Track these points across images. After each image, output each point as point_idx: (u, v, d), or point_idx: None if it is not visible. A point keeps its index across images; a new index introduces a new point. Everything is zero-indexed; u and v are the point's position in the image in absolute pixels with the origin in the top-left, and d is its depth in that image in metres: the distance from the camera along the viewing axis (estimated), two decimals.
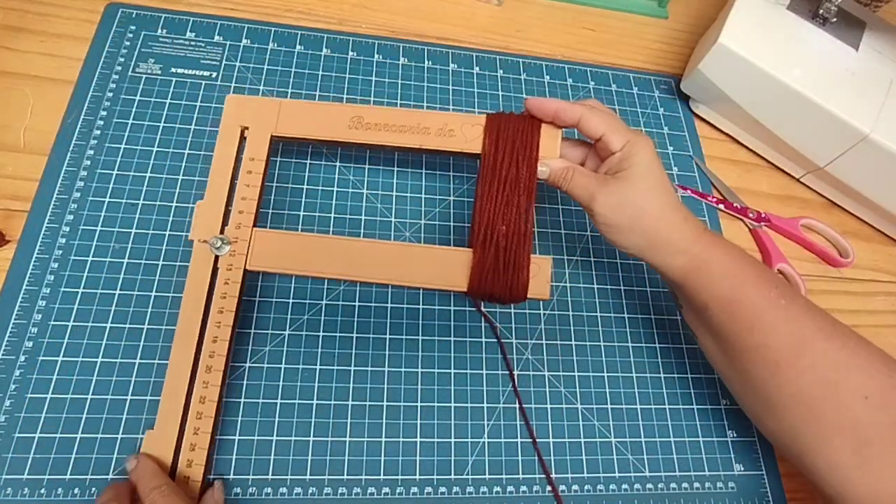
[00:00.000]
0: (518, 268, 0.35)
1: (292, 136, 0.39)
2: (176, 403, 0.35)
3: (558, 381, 0.42)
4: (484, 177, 0.37)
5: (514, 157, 0.37)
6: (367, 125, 0.39)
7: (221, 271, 0.36)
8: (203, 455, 0.35)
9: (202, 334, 0.36)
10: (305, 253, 0.36)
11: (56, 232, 0.40)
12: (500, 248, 0.35)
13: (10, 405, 0.35)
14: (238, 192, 0.38)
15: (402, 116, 0.39)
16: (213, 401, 0.35)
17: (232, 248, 0.37)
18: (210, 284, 0.36)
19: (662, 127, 0.55)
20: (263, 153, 0.39)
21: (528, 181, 0.37)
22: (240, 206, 0.37)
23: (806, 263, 0.52)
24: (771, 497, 0.41)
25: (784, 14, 0.52)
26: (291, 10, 0.53)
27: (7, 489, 0.34)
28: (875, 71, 0.50)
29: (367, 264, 0.36)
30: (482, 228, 0.36)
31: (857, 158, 0.49)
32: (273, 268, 0.37)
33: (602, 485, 0.40)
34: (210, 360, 0.36)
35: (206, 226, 0.37)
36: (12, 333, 0.37)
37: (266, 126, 0.39)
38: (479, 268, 0.35)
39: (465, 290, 0.36)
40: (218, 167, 0.38)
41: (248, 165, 0.38)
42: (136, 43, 0.48)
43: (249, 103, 0.40)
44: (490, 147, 0.38)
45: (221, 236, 0.37)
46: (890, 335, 0.50)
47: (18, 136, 0.43)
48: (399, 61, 0.53)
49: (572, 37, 0.59)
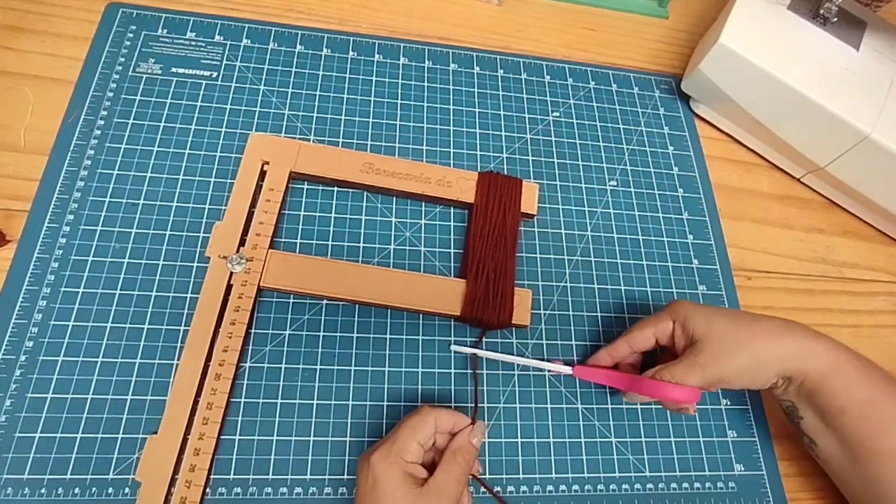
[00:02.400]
0: (504, 297, 0.41)
1: (309, 174, 0.44)
2: (182, 409, 0.36)
3: (558, 382, 0.42)
4: (475, 222, 0.44)
5: (500, 207, 0.44)
6: (377, 171, 0.45)
7: (236, 286, 0.39)
8: (207, 461, 0.35)
9: (212, 345, 0.37)
10: (316, 275, 0.40)
11: (56, 232, 0.40)
12: (489, 280, 0.42)
13: (10, 405, 0.35)
14: (256, 218, 0.42)
15: (407, 167, 0.45)
16: (220, 407, 0.36)
17: (248, 265, 0.40)
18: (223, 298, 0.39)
19: (662, 127, 0.55)
20: (282, 186, 0.43)
21: (512, 227, 0.44)
22: (257, 229, 0.41)
23: (806, 263, 0.52)
24: (771, 497, 0.41)
25: (784, 14, 0.52)
26: (292, 10, 0.53)
27: (7, 489, 0.34)
28: (876, 71, 0.50)
29: (372, 288, 0.41)
30: (474, 263, 0.42)
31: (857, 158, 0.49)
32: (285, 286, 0.40)
33: (602, 485, 0.40)
34: (220, 367, 0.37)
35: (223, 245, 0.40)
36: (13, 333, 0.37)
37: (286, 163, 0.44)
38: (470, 296, 0.41)
39: (459, 314, 0.41)
40: (238, 194, 0.42)
41: (268, 195, 0.42)
42: (136, 43, 0.48)
43: (271, 142, 0.44)
44: (481, 199, 0.45)
45: (239, 254, 0.39)
46: (890, 335, 0.50)
47: (19, 135, 0.43)
48: (399, 61, 0.53)
49: (572, 37, 0.59)
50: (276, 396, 0.39)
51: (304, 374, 0.39)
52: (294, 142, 0.45)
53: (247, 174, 0.43)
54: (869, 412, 0.35)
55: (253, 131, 0.46)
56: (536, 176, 0.50)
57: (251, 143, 0.44)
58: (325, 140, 0.47)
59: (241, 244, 0.41)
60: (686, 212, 0.51)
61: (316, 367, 0.40)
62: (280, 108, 0.48)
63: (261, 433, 0.37)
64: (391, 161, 0.45)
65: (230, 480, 0.36)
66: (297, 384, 0.39)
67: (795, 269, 0.51)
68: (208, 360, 0.37)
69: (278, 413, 0.38)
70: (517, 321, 0.42)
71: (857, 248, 0.54)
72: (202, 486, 0.34)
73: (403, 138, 0.49)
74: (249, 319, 0.39)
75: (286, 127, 0.47)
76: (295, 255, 0.42)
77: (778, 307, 0.49)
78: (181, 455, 0.35)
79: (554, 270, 0.46)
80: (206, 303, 0.38)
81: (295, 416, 0.38)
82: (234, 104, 0.47)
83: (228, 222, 0.41)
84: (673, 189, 0.52)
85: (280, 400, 0.38)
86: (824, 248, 0.53)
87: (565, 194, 0.49)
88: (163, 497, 0.34)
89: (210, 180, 0.44)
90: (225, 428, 0.37)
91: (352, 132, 0.48)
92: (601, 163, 0.52)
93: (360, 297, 0.40)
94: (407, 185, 0.45)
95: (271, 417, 0.38)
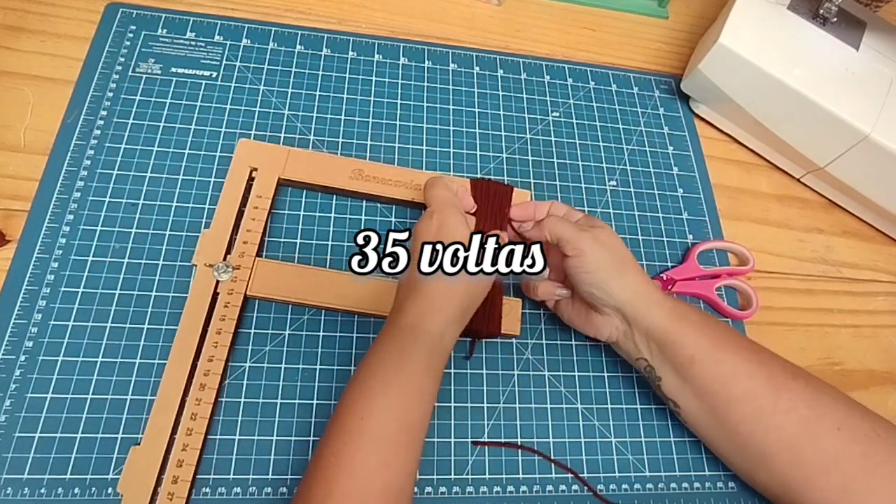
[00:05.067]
0: (494, 306, 0.40)
1: (298, 181, 0.43)
2: (166, 419, 0.35)
3: (558, 381, 0.42)
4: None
5: (492, 214, 0.42)
6: (367, 177, 0.44)
7: (222, 295, 0.39)
8: (190, 472, 0.34)
9: (197, 354, 0.37)
10: (303, 283, 0.40)
11: (56, 232, 0.40)
12: None
13: (10, 405, 0.35)
14: (244, 225, 0.41)
15: (397, 173, 0.45)
16: (204, 418, 0.36)
17: (234, 274, 0.39)
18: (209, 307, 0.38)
19: (662, 127, 0.55)
20: (270, 193, 0.42)
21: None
22: (244, 237, 0.41)
23: (806, 263, 0.52)
24: None
25: (784, 14, 0.52)
26: (291, 10, 0.53)
27: (7, 489, 0.34)
28: (875, 71, 0.50)
29: (360, 297, 0.40)
30: None
31: (857, 158, 0.49)
32: (272, 295, 0.40)
33: (602, 485, 0.40)
34: (205, 377, 0.36)
35: (210, 252, 0.40)
36: (12, 333, 0.37)
37: (274, 169, 0.43)
38: None
39: None
40: (225, 201, 0.41)
41: (255, 202, 0.42)
42: (136, 43, 0.48)
43: (260, 148, 0.44)
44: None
45: (226, 263, 0.39)
46: (890, 335, 0.50)
47: (19, 135, 0.43)
48: (399, 61, 0.53)
49: (572, 37, 0.59)
50: (276, 396, 0.38)
51: (303, 374, 0.39)
52: (283, 148, 0.44)
53: (234, 181, 0.42)
54: (718, 358, 0.36)
55: (253, 131, 0.46)
56: (536, 176, 0.50)
57: (239, 150, 0.43)
58: (324, 140, 0.47)
59: (227, 252, 0.40)
60: (686, 212, 0.51)
61: (316, 367, 0.40)
62: (280, 108, 0.48)
63: (261, 433, 0.37)
64: (381, 168, 0.45)
65: (230, 480, 0.36)
66: (296, 384, 0.39)
67: (795, 269, 0.51)
68: (193, 370, 0.37)
69: (278, 413, 0.38)
70: (507, 331, 0.41)
71: (857, 248, 0.54)
72: (185, 498, 0.34)
73: (403, 138, 0.49)
74: (235, 328, 0.38)
75: (286, 127, 0.47)
76: (282, 263, 0.41)
77: (778, 307, 0.49)
78: (164, 466, 0.34)
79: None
80: (192, 311, 0.38)
81: (295, 416, 0.38)
82: (233, 104, 0.47)
83: (215, 230, 0.40)
84: (673, 189, 0.52)
85: (280, 400, 0.38)
86: (824, 248, 0.53)
87: (565, 194, 0.49)
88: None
89: (210, 180, 0.44)
90: (225, 428, 0.37)
91: (351, 132, 0.48)
92: (601, 163, 0.52)
93: (349, 306, 0.40)
94: (397, 192, 0.44)
95: (271, 417, 0.38)
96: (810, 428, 0.34)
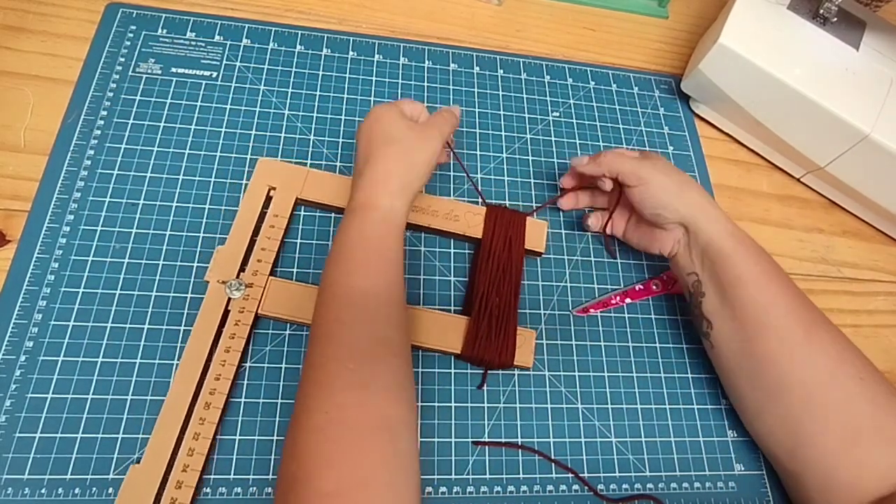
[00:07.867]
0: (507, 336, 0.41)
1: (315, 201, 0.43)
2: (169, 437, 0.34)
3: (558, 381, 0.42)
4: (483, 257, 0.43)
5: (507, 243, 0.43)
6: None
7: (233, 313, 0.38)
8: (189, 494, 0.34)
9: (204, 371, 0.36)
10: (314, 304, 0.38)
11: (56, 232, 0.40)
12: (492, 316, 0.41)
13: (10, 405, 0.35)
14: (259, 244, 0.41)
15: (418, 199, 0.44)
16: (207, 438, 0.35)
17: (246, 292, 0.39)
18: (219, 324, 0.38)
19: (662, 127, 0.55)
20: (287, 212, 0.42)
21: (517, 264, 0.43)
22: (259, 255, 0.40)
23: (806, 263, 0.52)
24: (771, 497, 0.41)
25: (784, 14, 0.52)
26: (291, 10, 0.53)
27: (8, 489, 0.34)
28: (875, 71, 0.50)
29: None
30: (478, 298, 0.41)
31: (857, 158, 0.49)
32: (283, 315, 0.39)
33: (602, 485, 0.40)
34: (210, 396, 0.36)
35: (223, 269, 0.39)
36: (13, 333, 0.37)
37: (292, 189, 0.43)
38: (472, 333, 0.40)
39: (459, 352, 0.40)
40: (242, 218, 0.41)
41: (272, 221, 0.42)
42: (136, 43, 0.48)
43: (279, 167, 0.44)
44: (488, 235, 0.44)
45: (239, 280, 0.39)
46: (890, 335, 0.50)
47: (19, 135, 0.43)
48: (399, 61, 0.53)
49: (572, 37, 0.59)
50: (276, 396, 0.38)
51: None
52: (302, 169, 0.44)
53: (252, 199, 0.42)
54: (764, 283, 0.38)
55: (253, 131, 0.46)
56: (536, 176, 0.50)
57: (259, 168, 0.43)
58: (324, 140, 0.47)
59: (241, 269, 0.40)
60: None
61: None
62: (280, 108, 0.48)
63: (261, 433, 0.37)
64: None
65: (230, 480, 0.36)
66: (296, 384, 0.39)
67: (795, 269, 0.51)
68: (199, 389, 0.36)
69: (278, 413, 0.38)
70: (519, 362, 0.41)
71: (857, 248, 0.54)
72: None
73: None
74: (245, 347, 0.38)
75: (286, 127, 0.47)
76: (294, 283, 0.40)
77: None
78: (163, 487, 0.34)
79: (554, 270, 0.46)
80: (202, 327, 0.37)
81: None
82: (234, 104, 0.47)
83: (230, 247, 0.40)
84: None
85: (280, 400, 0.38)
86: (824, 248, 0.53)
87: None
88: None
89: (210, 180, 0.44)
90: (225, 428, 0.37)
91: (352, 132, 0.48)
92: None
93: None
94: (413, 218, 0.43)
95: (271, 417, 0.38)
96: (835, 370, 0.36)
